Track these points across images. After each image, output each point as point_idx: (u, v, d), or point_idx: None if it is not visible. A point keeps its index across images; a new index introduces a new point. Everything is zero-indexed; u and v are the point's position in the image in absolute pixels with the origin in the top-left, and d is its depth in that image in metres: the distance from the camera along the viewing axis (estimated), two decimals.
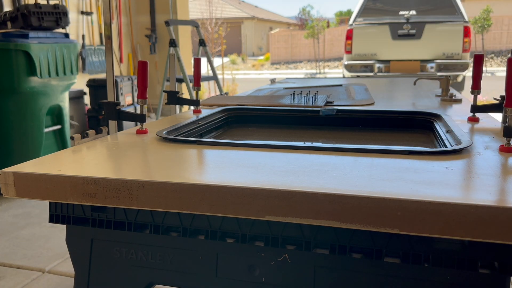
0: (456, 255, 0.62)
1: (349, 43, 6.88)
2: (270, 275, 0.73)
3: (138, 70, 1.07)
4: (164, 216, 0.75)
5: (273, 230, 0.69)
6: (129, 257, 0.81)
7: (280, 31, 23.51)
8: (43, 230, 2.57)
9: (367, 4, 7.05)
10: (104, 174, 0.69)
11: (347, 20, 20.08)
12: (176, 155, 0.84)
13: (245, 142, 0.90)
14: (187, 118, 1.20)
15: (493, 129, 1.01)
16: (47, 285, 2.00)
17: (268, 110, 1.33)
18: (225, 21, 13.95)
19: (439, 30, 6.54)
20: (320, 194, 0.59)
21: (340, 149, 0.82)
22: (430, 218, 0.56)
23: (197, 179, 0.68)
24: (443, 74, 2.17)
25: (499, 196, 0.59)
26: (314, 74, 16.06)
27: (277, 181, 0.65)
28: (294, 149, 0.85)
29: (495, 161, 0.74)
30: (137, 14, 5.85)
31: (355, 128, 1.26)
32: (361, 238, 0.65)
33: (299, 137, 1.25)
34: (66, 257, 2.21)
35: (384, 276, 0.67)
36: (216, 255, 0.75)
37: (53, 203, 0.81)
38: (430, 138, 1.13)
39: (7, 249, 2.34)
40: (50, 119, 3.28)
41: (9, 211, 2.86)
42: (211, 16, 12.07)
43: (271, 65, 20.81)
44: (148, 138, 0.98)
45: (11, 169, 0.74)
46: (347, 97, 1.59)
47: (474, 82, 1.16)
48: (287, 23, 32.40)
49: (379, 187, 0.62)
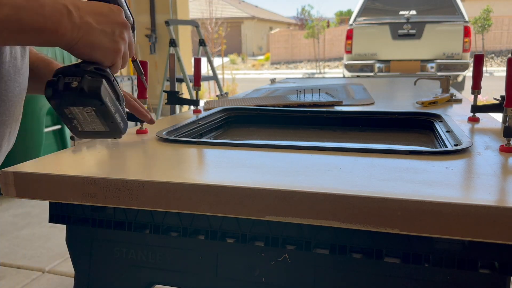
0: (456, 255, 0.62)
1: (349, 43, 6.88)
2: (270, 275, 0.73)
3: None
4: (164, 216, 0.75)
5: (273, 230, 0.69)
6: (129, 257, 0.81)
7: (280, 31, 23.53)
8: (43, 230, 2.57)
9: (367, 4, 7.05)
10: (104, 174, 0.69)
11: (347, 20, 20.08)
12: (176, 155, 0.84)
13: (245, 142, 0.90)
14: (187, 118, 1.20)
15: (493, 129, 1.01)
16: (47, 285, 2.00)
17: (268, 110, 1.33)
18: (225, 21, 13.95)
19: (439, 30, 6.54)
20: (320, 194, 0.59)
21: (340, 149, 0.82)
22: (430, 218, 0.56)
23: (197, 179, 0.68)
24: (443, 74, 2.17)
25: (499, 196, 0.59)
26: (313, 74, 16.06)
27: (277, 181, 0.65)
28: (294, 149, 0.85)
29: (495, 161, 0.74)
30: (137, 14, 5.85)
31: (355, 128, 1.26)
32: (361, 238, 0.65)
33: (299, 137, 1.25)
34: (66, 257, 2.21)
35: (384, 276, 0.67)
36: (216, 255, 0.75)
37: (53, 203, 0.81)
38: (430, 138, 1.13)
39: (7, 249, 2.34)
40: (50, 119, 3.28)
41: (9, 211, 2.86)
42: (211, 16, 12.08)
43: (271, 65, 20.82)
44: (148, 138, 0.98)
45: (11, 169, 0.74)
46: (347, 97, 1.59)
47: (474, 82, 1.16)
48: (287, 23, 32.41)
49: (379, 187, 0.62)
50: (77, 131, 0.70)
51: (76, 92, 0.61)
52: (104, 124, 0.68)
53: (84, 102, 0.62)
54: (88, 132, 0.71)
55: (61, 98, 0.61)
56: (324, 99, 1.46)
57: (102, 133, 0.71)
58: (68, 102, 0.62)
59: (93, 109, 0.64)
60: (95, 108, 0.64)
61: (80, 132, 0.70)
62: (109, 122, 0.69)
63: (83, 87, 0.61)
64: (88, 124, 0.68)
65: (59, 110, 0.64)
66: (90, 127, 0.69)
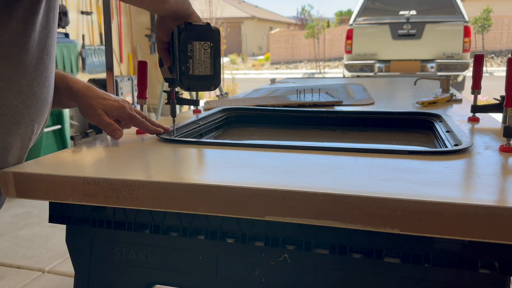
0: (456, 255, 0.62)
1: (349, 43, 6.88)
2: (270, 275, 0.73)
3: (138, 70, 1.07)
4: (164, 216, 0.75)
5: (273, 230, 0.69)
6: (129, 257, 0.81)
7: (280, 31, 23.53)
8: (43, 230, 2.57)
9: (367, 4, 7.04)
10: (104, 174, 0.70)
11: (347, 20, 20.08)
12: (176, 155, 0.84)
13: (245, 142, 0.90)
14: (187, 118, 1.20)
15: (493, 129, 1.01)
16: (47, 285, 2.00)
17: (268, 110, 1.33)
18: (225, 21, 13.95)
19: (439, 30, 6.53)
20: (320, 194, 0.59)
21: (340, 149, 0.82)
22: (430, 218, 0.56)
23: (197, 179, 0.68)
24: (443, 74, 2.17)
25: (499, 196, 0.59)
26: (313, 74, 16.06)
27: (277, 181, 0.65)
28: (294, 149, 0.85)
29: (495, 161, 0.74)
30: (137, 14, 5.84)
31: (355, 128, 1.26)
32: (361, 238, 0.65)
33: (299, 137, 1.25)
34: (66, 257, 2.21)
35: (384, 276, 0.67)
36: (216, 255, 0.75)
37: (53, 203, 0.81)
38: (430, 138, 1.13)
39: (7, 249, 2.34)
40: (50, 119, 3.28)
41: (9, 211, 2.86)
42: (211, 16, 12.07)
43: (271, 65, 20.81)
44: (148, 138, 0.98)
45: (11, 169, 0.74)
46: (347, 97, 1.59)
47: (474, 82, 1.16)
48: (287, 23, 32.41)
49: (379, 187, 0.62)
50: (187, 75, 0.81)
51: (203, 27, 0.79)
52: (212, 66, 0.81)
53: (207, 36, 0.79)
54: (195, 77, 0.82)
55: (192, 30, 0.78)
56: (324, 99, 1.46)
57: (204, 80, 0.82)
58: (195, 34, 0.78)
59: (210, 45, 0.79)
60: (212, 44, 0.79)
61: (189, 76, 0.80)
62: (216, 64, 0.81)
63: (209, 24, 0.81)
64: (199, 66, 0.80)
65: (185, 44, 0.78)
66: (199, 70, 0.81)
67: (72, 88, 0.92)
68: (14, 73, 0.71)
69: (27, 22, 0.71)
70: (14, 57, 0.71)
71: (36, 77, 0.75)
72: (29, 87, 0.74)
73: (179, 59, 0.80)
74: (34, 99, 0.76)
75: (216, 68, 0.82)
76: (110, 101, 0.93)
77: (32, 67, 0.74)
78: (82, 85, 0.93)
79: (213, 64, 0.82)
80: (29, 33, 0.72)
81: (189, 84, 0.82)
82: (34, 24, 0.72)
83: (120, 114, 0.93)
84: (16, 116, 0.73)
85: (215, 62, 0.82)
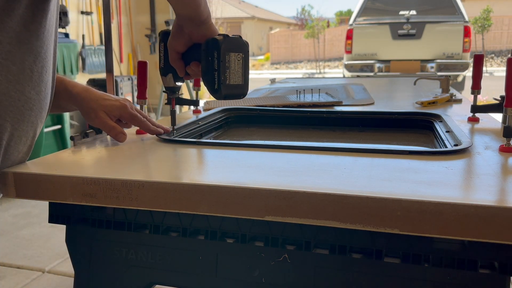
0: (456, 255, 0.62)
1: (349, 43, 6.87)
2: (270, 275, 0.73)
3: (138, 70, 1.07)
4: (164, 216, 0.75)
5: (273, 230, 0.69)
6: (129, 257, 0.81)
7: (280, 31, 23.53)
8: (43, 230, 2.57)
9: (367, 4, 7.04)
10: (103, 174, 0.69)
11: (347, 20, 20.06)
12: (175, 155, 0.85)
13: (245, 142, 0.90)
14: (186, 118, 1.20)
15: (493, 129, 1.01)
16: (47, 285, 2.00)
17: (268, 110, 1.33)
18: (225, 21, 13.94)
19: (439, 30, 6.53)
20: (320, 194, 0.59)
21: (340, 149, 0.82)
22: (430, 218, 0.56)
23: (197, 179, 0.68)
24: (443, 74, 2.17)
25: (499, 196, 0.59)
26: (313, 74, 16.05)
27: (277, 181, 0.65)
28: (294, 149, 0.85)
29: (495, 161, 0.74)
30: (137, 14, 5.84)
31: (355, 128, 1.26)
32: (361, 238, 0.65)
33: (299, 137, 1.25)
34: (66, 257, 2.21)
35: (384, 276, 0.67)
36: (216, 255, 0.75)
37: (53, 203, 0.81)
38: (430, 138, 1.13)
39: (7, 249, 2.34)
40: (50, 119, 3.28)
41: (9, 211, 2.86)
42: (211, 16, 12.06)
43: (271, 65, 20.82)
44: (147, 138, 0.98)
45: (11, 169, 0.74)
46: (347, 97, 1.59)
47: (474, 82, 1.16)
48: (287, 23, 32.41)
49: (379, 187, 0.62)
50: (225, 84, 0.85)
51: (237, 39, 0.85)
52: (243, 76, 0.86)
53: (240, 48, 0.84)
54: (230, 86, 0.86)
55: (229, 42, 0.83)
56: (324, 99, 1.46)
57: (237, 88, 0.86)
58: (231, 46, 0.83)
59: (242, 56, 0.85)
60: (243, 55, 0.85)
61: (226, 85, 0.84)
62: (246, 74, 0.87)
63: (241, 37, 0.87)
64: (233, 76, 0.85)
65: (224, 55, 0.83)
66: (234, 80, 0.85)
67: (71, 91, 0.92)
68: (26, 57, 0.71)
69: (37, 9, 0.71)
70: (25, 42, 0.70)
71: (45, 64, 0.75)
72: (39, 74, 0.74)
73: (218, 70, 0.84)
74: (43, 86, 0.76)
75: (245, 78, 0.87)
76: (111, 101, 0.93)
77: (42, 54, 0.74)
78: (81, 88, 0.93)
79: (244, 74, 0.87)
80: (39, 19, 0.72)
81: (226, 93, 0.86)
82: (44, 11, 0.72)
83: (121, 113, 0.93)
84: (29, 102, 0.73)
85: (245, 72, 0.87)
